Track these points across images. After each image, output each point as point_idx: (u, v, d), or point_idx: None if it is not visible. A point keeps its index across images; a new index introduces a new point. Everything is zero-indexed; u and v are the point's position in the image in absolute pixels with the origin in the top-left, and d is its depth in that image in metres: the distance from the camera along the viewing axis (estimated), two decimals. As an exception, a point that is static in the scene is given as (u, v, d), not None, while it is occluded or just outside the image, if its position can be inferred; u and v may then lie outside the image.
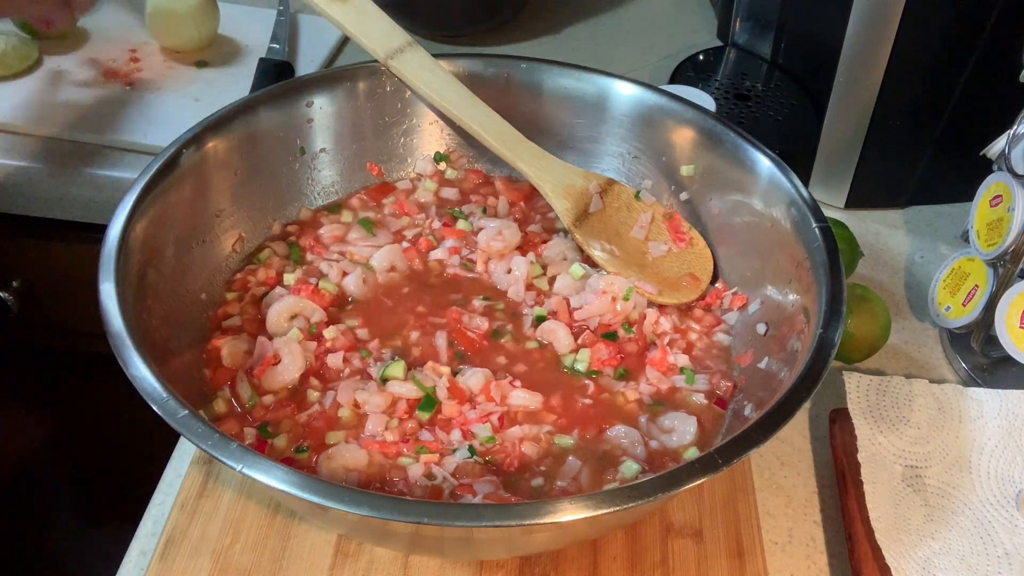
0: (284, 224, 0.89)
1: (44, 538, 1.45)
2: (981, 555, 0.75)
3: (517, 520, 0.55)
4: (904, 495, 0.78)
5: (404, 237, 0.89)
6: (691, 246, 0.88)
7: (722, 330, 0.83)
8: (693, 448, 0.73)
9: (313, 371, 0.77)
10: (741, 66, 1.23)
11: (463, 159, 0.97)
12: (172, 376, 0.64)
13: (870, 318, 0.88)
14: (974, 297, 0.89)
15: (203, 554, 0.72)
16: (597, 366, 0.78)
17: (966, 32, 0.94)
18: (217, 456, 0.57)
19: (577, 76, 0.92)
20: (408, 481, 0.69)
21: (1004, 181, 0.86)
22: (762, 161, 0.82)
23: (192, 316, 0.78)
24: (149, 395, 0.60)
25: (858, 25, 0.95)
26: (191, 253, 0.80)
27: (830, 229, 0.75)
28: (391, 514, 0.54)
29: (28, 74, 1.17)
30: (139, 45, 1.24)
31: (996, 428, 0.82)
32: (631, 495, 0.56)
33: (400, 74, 0.89)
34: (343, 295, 0.83)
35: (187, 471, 0.77)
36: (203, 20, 1.21)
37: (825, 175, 1.08)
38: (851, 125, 1.02)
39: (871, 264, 1.04)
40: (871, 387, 0.84)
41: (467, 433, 0.72)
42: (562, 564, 0.72)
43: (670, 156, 0.90)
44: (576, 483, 0.70)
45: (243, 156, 0.84)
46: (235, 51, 1.26)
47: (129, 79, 1.18)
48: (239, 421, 0.73)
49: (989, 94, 0.97)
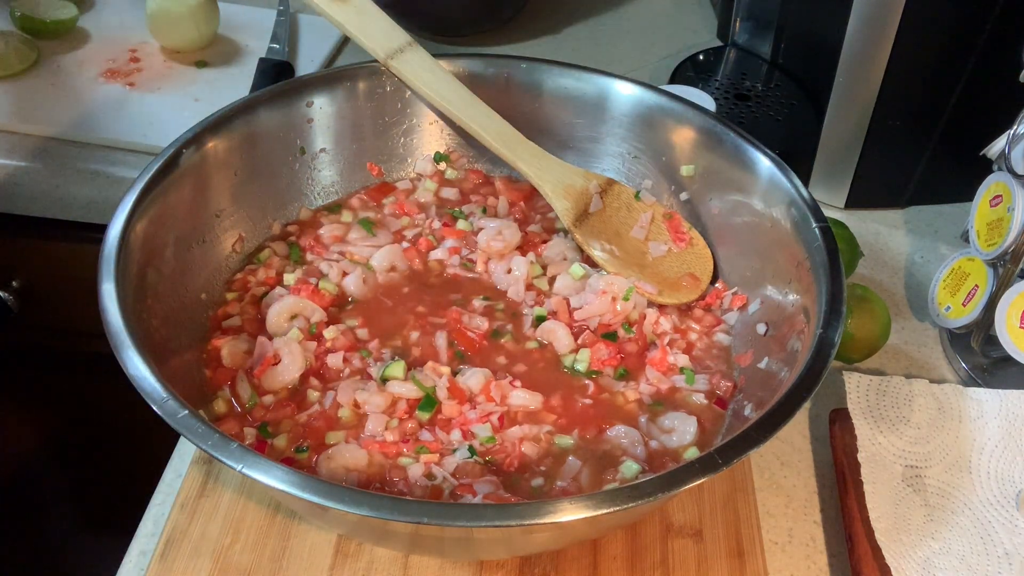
0: (284, 224, 0.89)
1: (44, 538, 1.45)
2: (981, 555, 0.75)
3: (517, 520, 0.55)
4: (904, 495, 0.78)
5: (404, 237, 0.89)
6: (691, 246, 0.88)
7: (722, 330, 0.83)
8: (693, 448, 0.73)
9: (313, 371, 0.77)
10: (741, 66, 1.23)
11: (463, 159, 0.97)
12: (172, 376, 0.64)
13: (870, 318, 0.88)
14: (974, 297, 0.89)
15: (203, 554, 0.72)
16: (597, 366, 0.78)
17: (966, 32, 0.94)
18: (217, 456, 0.57)
19: (577, 76, 0.92)
20: (408, 481, 0.69)
21: (1004, 181, 0.86)
22: (762, 161, 0.82)
23: (192, 316, 0.78)
24: (149, 395, 0.60)
25: (858, 25, 0.95)
26: (191, 253, 0.80)
27: (830, 229, 0.75)
28: (391, 514, 0.54)
29: (28, 74, 1.17)
30: (139, 45, 1.24)
31: (996, 428, 0.82)
32: (631, 495, 0.56)
33: (400, 74, 0.89)
34: (343, 295, 0.83)
35: (187, 471, 0.77)
36: (203, 20, 1.21)
37: (825, 175, 1.08)
38: (851, 125, 1.02)
39: (871, 264, 1.04)
40: (871, 387, 0.84)
41: (467, 433, 0.72)
42: (562, 564, 0.72)
43: (670, 156, 0.90)
44: (576, 483, 0.70)
45: (243, 156, 0.84)
46: (235, 51, 1.26)
47: (129, 79, 1.18)
48: (239, 421, 0.73)
49: (989, 94, 0.97)
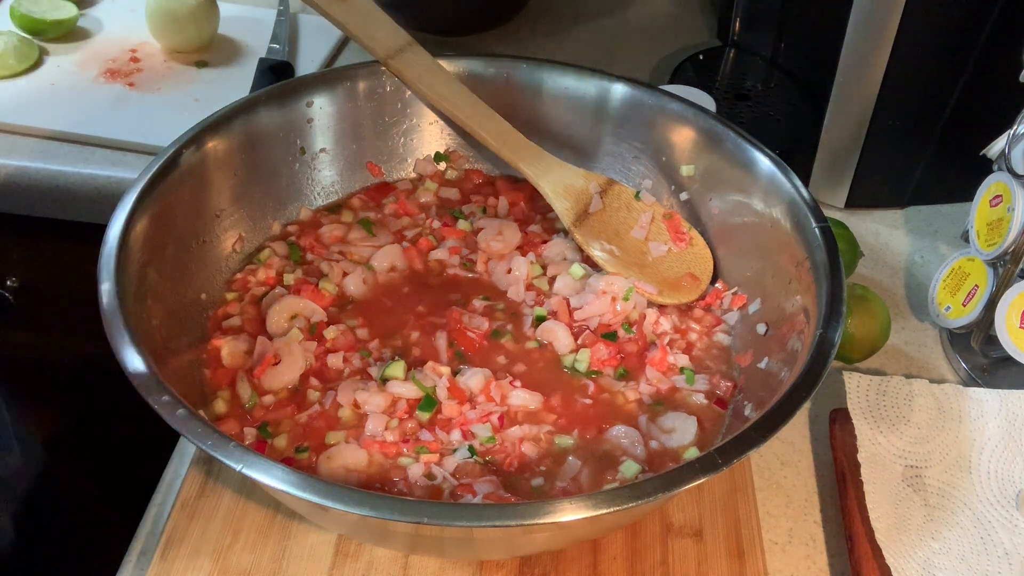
0: (284, 224, 0.89)
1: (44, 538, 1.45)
2: (981, 555, 0.75)
3: (517, 520, 0.55)
4: (904, 495, 0.78)
5: (404, 237, 0.89)
6: (691, 246, 0.88)
7: (722, 330, 0.83)
8: (693, 448, 0.73)
9: (313, 371, 0.77)
10: (741, 66, 1.23)
11: (463, 159, 0.97)
12: (172, 376, 0.64)
13: (870, 318, 0.88)
14: (974, 297, 0.89)
15: (203, 554, 0.72)
16: (597, 366, 0.78)
17: (966, 32, 0.94)
18: (217, 456, 0.57)
19: (577, 76, 0.92)
20: (408, 481, 0.69)
21: (1004, 181, 0.86)
22: (762, 161, 0.82)
23: (192, 316, 0.78)
24: (149, 395, 0.60)
25: (858, 25, 0.95)
26: (191, 253, 0.80)
27: (830, 229, 0.75)
28: (391, 514, 0.54)
29: (28, 74, 1.17)
30: (139, 45, 1.24)
31: (996, 428, 0.82)
32: (631, 495, 0.56)
33: (400, 74, 0.89)
34: (343, 295, 0.83)
35: (187, 471, 0.77)
36: (203, 20, 1.21)
37: (825, 175, 1.08)
38: (851, 125, 1.02)
39: (871, 264, 1.03)
40: (871, 387, 0.84)
41: (467, 433, 0.72)
42: (562, 564, 0.72)
43: (670, 156, 0.90)
44: (576, 483, 0.70)
45: (243, 156, 0.84)
46: (235, 51, 1.26)
47: (129, 79, 1.18)
48: (239, 421, 0.73)
49: (989, 94, 0.97)
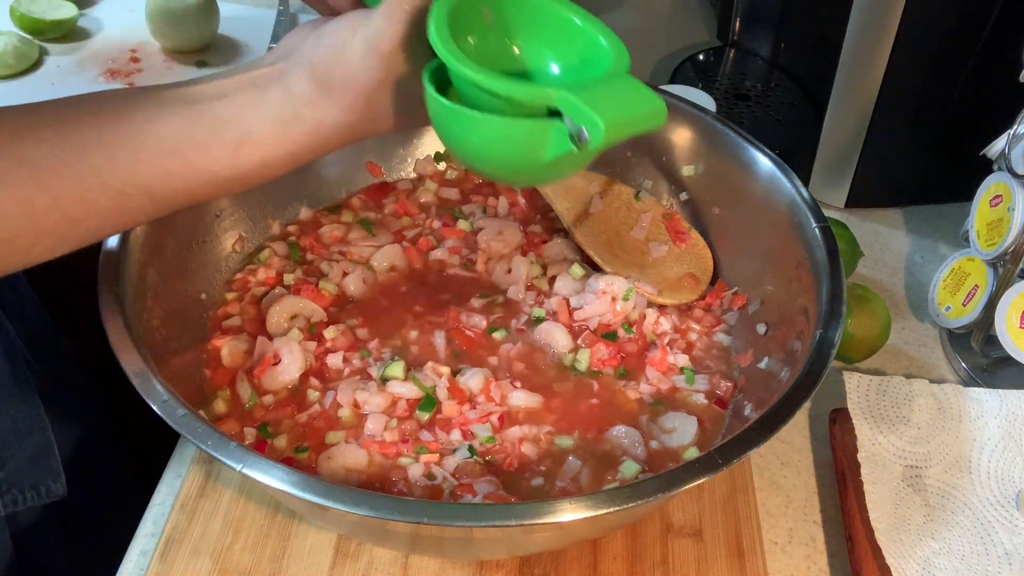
0: (284, 224, 0.89)
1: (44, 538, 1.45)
2: (981, 555, 0.75)
3: (517, 520, 0.55)
4: (904, 495, 0.78)
5: (404, 237, 0.89)
6: (691, 246, 0.88)
7: (722, 330, 0.83)
8: (693, 448, 0.73)
9: (313, 371, 0.77)
10: (741, 66, 1.23)
11: (463, 159, 0.97)
12: (172, 376, 0.64)
13: (870, 318, 0.88)
14: (974, 297, 0.89)
15: (203, 554, 0.72)
16: (597, 366, 0.78)
17: (966, 32, 0.94)
18: (217, 456, 0.57)
19: (577, 76, 0.92)
20: (408, 481, 0.69)
21: (1004, 181, 0.86)
22: (762, 161, 0.82)
23: (192, 316, 0.78)
24: (149, 395, 0.60)
25: (858, 25, 0.95)
26: (191, 253, 0.80)
27: (830, 229, 0.75)
28: (391, 514, 0.54)
29: (28, 74, 1.17)
30: (139, 45, 1.24)
31: (996, 428, 0.82)
32: (631, 495, 0.56)
33: (400, 74, 0.89)
34: (343, 295, 0.83)
35: (187, 471, 0.77)
36: (203, 20, 1.21)
37: (825, 175, 1.08)
38: (851, 125, 1.02)
39: (871, 264, 1.03)
40: (871, 387, 0.84)
41: (467, 433, 0.72)
42: (562, 564, 0.72)
43: (670, 156, 0.90)
44: (576, 483, 0.70)
45: (243, 156, 0.84)
46: (235, 51, 1.25)
47: (129, 79, 1.18)
48: (239, 421, 0.73)
49: (989, 94, 0.97)
